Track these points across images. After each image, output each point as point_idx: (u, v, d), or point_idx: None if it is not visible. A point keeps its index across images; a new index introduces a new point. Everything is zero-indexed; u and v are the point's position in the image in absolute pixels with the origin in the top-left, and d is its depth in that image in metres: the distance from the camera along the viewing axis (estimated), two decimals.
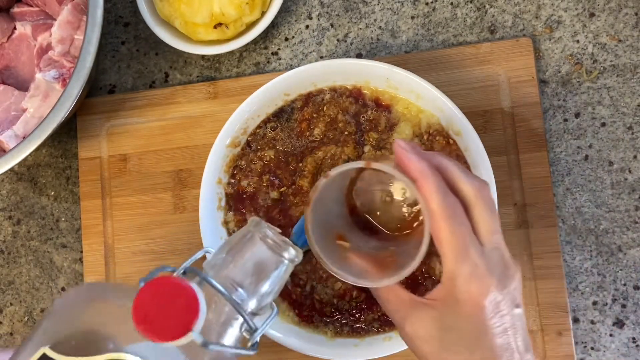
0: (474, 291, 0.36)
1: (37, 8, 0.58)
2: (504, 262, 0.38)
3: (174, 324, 0.29)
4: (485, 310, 0.36)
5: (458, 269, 0.36)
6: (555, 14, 0.56)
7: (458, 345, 0.37)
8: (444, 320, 0.37)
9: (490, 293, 0.36)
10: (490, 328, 0.36)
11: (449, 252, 0.37)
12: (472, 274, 0.36)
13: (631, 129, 0.54)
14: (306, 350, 0.50)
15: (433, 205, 0.37)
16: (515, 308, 0.37)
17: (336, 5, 0.59)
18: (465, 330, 0.37)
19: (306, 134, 0.54)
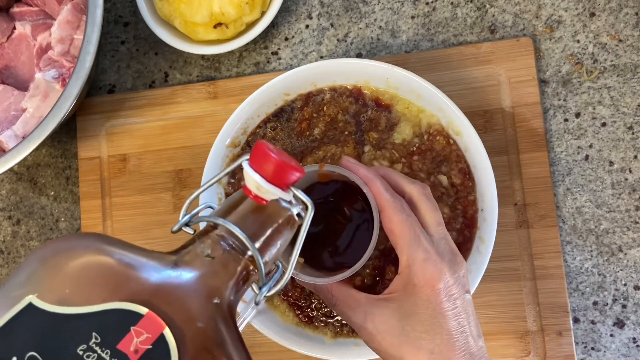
0: (429, 275, 0.39)
1: (36, 8, 0.58)
2: (452, 250, 0.41)
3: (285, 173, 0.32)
4: (440, 293, 0.39)
5: (412, 254, 0.39)
6: (556, 14, 0.56)
7: (418, 332, 0.39)
8: (403, 309, 0.40)
9: (443, 276, 0.39)
10: (446, 310, 0.39)
11: (402, 241, 0.40)
12: (426, 259, 0.39)
13: (632, 128, 0.54)
14: (306, 350, 0.50)
15: (383, 202, 0.41)
16: (465, 293, 0.40)
17: (336, 4, 0.59)
18: (423, 315, 0.39)
19: (306, 133, 0.54)
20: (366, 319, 0.41)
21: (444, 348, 0.39)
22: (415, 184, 0.43)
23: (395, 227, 0.40)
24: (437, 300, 0.39)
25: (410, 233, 0.40)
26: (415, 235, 0.40)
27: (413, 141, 0.52)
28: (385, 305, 0.40)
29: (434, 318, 0.39)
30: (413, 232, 0.40)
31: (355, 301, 0.42)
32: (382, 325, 0.40)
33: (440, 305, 0.39)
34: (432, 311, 0.39)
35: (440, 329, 0.39)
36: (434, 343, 0.39)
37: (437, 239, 0.41)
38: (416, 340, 0.39)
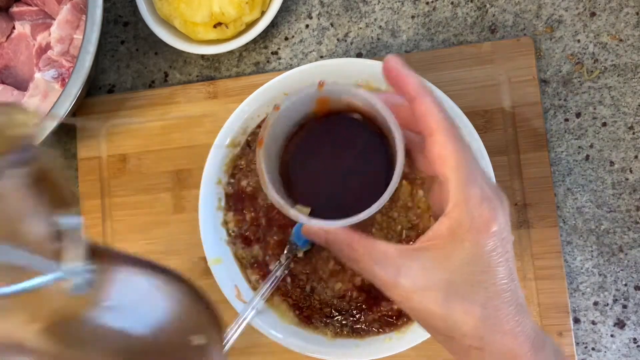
0: (486, 215, 0.33)
1: (36, 7, 0.58)
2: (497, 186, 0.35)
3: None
4: (495, 236, 0.33)
5: (468, 191, 0.33)
6: (556, 14, 0.56)
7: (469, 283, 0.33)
8: (451, 258, 0.34)
9: (499, 216, 0.33)
10: (500, 256, 0.33)
11: (455, 174, 0.33)
12: (483, 197, 0.33)
13: (632, 128, 0.54)
14: (306, 351, 0.50)
15: (436, 123, 0.33)
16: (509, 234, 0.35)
17: (336, 4, 0.59)
18: (477, 263, 0.33)
19: None
20: (399, 273, 0.34)
21: (496, 300, 0.33)
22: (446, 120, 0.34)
23: (449, 157, 0.33)
24: (492, 244, 0.33)
25: (467, 165, 0.33)
26: (472, 169, 0.33)
27: None
28: (426, 256, 0.34)
29: (488, 266, 0.33)
30: (470, 164, 0.33)
31: (384, 254, 0.35)
32: (422, 280, 0.34)
33: (495, 251, 0.33)
34: (486, 258, 0.33)
35: (493, 278, 0.33)
36: (486, 295, 0.33)
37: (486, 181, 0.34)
38: (468, 293, 0.33)
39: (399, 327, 0.51)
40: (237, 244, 0.53)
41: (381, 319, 0.51)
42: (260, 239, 0.53)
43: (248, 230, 0.53)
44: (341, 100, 0.37)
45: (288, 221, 0.52)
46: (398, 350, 0.49)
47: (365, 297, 0.51)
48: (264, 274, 0.53)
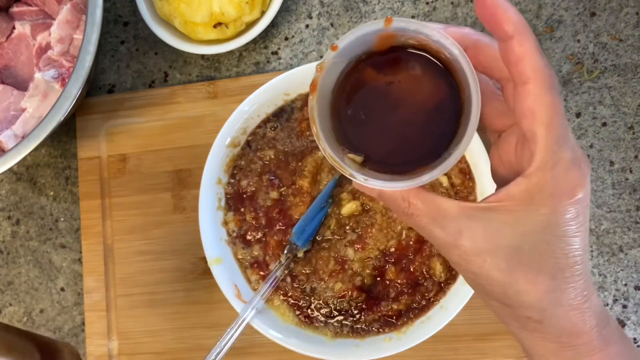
0: (575, 181, 0.30)
1: (36, 7, 0.58)
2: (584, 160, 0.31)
3: None
4: (579, 204, 0.30)
5: (560, 153, 0.29)
6: (556, 14, 0.56)
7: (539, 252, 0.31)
8: (523, 224, 0.30)
9: (587, 183, 0.30)
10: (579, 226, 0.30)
11: (547, 132, 0.29)
12: (573, 160, 0.30)
13: (632, 128, 0.54)
14: (306, 351, 0.50)
15: (529, 70, 0.29)
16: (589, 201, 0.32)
17: (336, 4, 0.59)
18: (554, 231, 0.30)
19: (306, 133, 0.53)
20: (461, 234, 0.31)
21: (567, 272, 0.31)
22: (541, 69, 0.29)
23: (543, 112, 0.29)
24: (574, 213, 0.30)
25: (561, 123, 0.29)
26: (565, 128, 0.29)
27: None
28: (493, 218, 0.31)
29: (564, 235, 0.30)
30: (564, 122, 0.29)
31: (444, 211, 0.32)
32: (485, 243, 0.31)
33: (575, 220, 0.30)
34: (563, 226, 0.30)
35: (567, 248, 0.31)
36: (557, 266, 0.31)
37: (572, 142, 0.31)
38: (536, 262, 0.31)
39: (399, 327, 0.51)
40: (237, 244, 0.53)
41: (381, 319, 0.51)
42: (260, 239, 0.53)
43: (248, 230, 0.53)
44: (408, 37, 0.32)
45: (288, 221, 0.52)
46: (398, 350, 0.49)
47: (365, 297, 0.51)
48: (264, 274, 0.53)
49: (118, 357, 0.58)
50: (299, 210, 0.52)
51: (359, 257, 0.51)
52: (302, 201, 0.52)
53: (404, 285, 0.51)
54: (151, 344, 0.57)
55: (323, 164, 0.52)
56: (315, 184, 0.52)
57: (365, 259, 0.51)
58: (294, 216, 0.52)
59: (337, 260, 0.51)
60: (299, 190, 0.52)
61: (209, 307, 0.57)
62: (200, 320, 0.57)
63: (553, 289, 0.31)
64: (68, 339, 0.60)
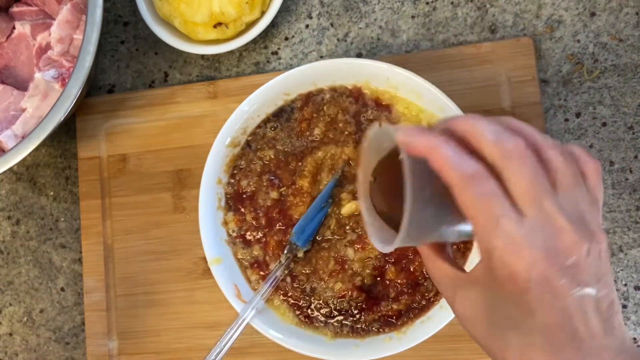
0: (511, 268, 0.31)
1: (36, 7, 0.58)
2: (557, 230, 0.31)
3: None
4: (529, 290, 0.31)
5: (490, 242, 0.31)
6: (556, 14, 0.56)
7: (504, 327, 0.32)
8: (487, 298, 0.33)
9: (533, 269, 0.30)
10: (541, 309, 0.31)
11: (476, 226, 0.32)
12: (507, 247, 0.31)
13: (632, 128, 0.54)
14: (306, 351, 0.50)
15: (448, 178, 0.32)
16: (582, 287, 0.31)
17: (336, 4, 0.59)
18: (510, 311, 0.32)
19: (306, 133, 0.53)
20: (455, 299, 0.35)
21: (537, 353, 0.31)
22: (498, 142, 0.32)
23: (466, 210, 0.31)
24: (526, 297, 0.31)
25: (484, 213, 0.31)
26: (492, 216, 0.31)
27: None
28: (471, 288, 0.34)
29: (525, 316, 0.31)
30: (489, 213, 0.31)
31: (444, 275, 0.37)
32: (467, 311, 0.34)
33: (531, 304, 0.31)
34: (520, 309, 0.32)
35: (533, 327, 0.31)
36: (525, 342, 0.32)
37: (532, 218, 0.31)
38: (504, 335, 0.32)
39: (399, 327, 0.51)
40: (237, 244, 0.53)
41: (381, 319, 0.51)
42: (260, 239, 0.53)
43: (248, 230, 0.53)
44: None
45: (288, 221, 0.52)
46: (398, 350, 0.49)
47: (365, 297, 0.51)
48: (264, 274, 0.53)
49: (118, 357, 0.58)
50: (299, 210, 0.52)
51: (359, 257, 0.51)
52: (302, 201, 0.52)
53: (404, 285, 0.51)
54: (151, 343, 0.57)
55: (323, 164, 0.52)
56: (315, 184, 0.52)
57: (365, 259, 0.51)
58: (294, 216, 0.52)
59: (337, 260, 0.51)
60: (299, 190, 0.52)
61: (209, 307, 0.57)
62: (200, 320, 0.57)
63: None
64: (68, 339, 0.60)
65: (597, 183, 0.33)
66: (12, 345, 0.61)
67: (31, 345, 0.61)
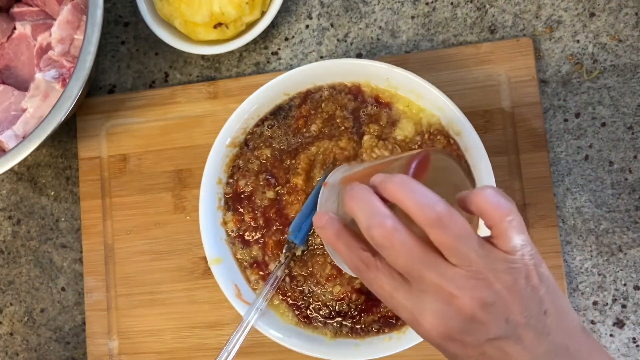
0: (421, 333, 0.34)
1: (36, 8, 0.58)
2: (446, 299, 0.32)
3: None
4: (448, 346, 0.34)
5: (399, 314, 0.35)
6: (556, 14, 0.56)
7: None
8: None
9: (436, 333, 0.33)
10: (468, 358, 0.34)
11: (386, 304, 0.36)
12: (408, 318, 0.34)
13: (631, 128, 0.54)
14: (306, 350, 0.50)
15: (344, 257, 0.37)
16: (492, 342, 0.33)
17: (336, 5, 0.59)
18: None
19: (302, 130, 0.53)
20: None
21: None
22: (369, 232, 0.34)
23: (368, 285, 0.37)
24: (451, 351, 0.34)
25: (383, 296, 0.35)
26: (388, 295, 0.35)
27: (415, 139, 0.52)
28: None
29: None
30: (385, 292, 0.35)
31: None
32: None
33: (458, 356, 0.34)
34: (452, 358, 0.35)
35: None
36: None
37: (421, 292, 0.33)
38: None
39: (398, 327, 0.51)
40: (236, 244, 0.53)
41: (381, 319, 0.51)
42: (259, 239, 0.53)
43: (246, 231, 0.53)
44: None
45: (284, 221, 0.52)
46: (398, 350, 0.49)
47: (364, 299, 0.51)
48: (263, 274, 0.53)
49: (119, 357, 0.58)
50: (295, 208, 0.52)
51: None
52: (297, 199, 0.52)
53: None
54: (152, 343, 0.58)
55: (316, 160, 0.52)
56: (309, 181, 0.52)
57: None
58: (290, 215, 0.52)
59: (334, 265, 0.51)
60: (294, 189, 0.52)
61: (209, 306, 0.57)
62: (201, 320, 0.57)
63: None
64: (68, 339, 0.60)
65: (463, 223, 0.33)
66: (13, 344, 0.61)
67: (32, 344, 0.61)
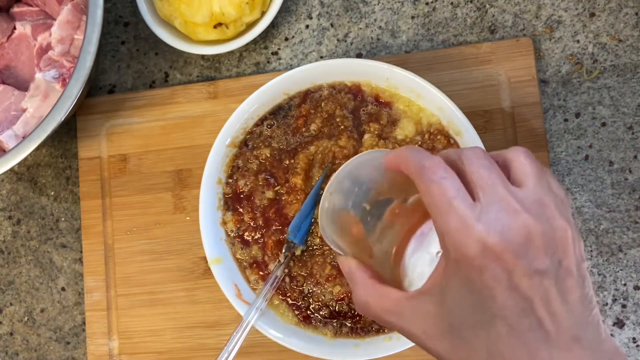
0: (465, 245, 0.30)
1: (37, 8, 0.58)
2: (509, 212, 0.30)
3: None
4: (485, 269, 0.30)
5: (445, 225, 0.31)
6: (556, 14, 0.56)
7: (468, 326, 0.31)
8: (447, 300, 0.31)
9: (485, 244, 0.30)
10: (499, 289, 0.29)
11: (432, 212, 0.32)
12: (459, 227, 0.30)
13: (631, 128, 0.54)
14: (306, 351, 0.50)
15: (408, 170, 0.34)
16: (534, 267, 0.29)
17: (336, 5, 0.59)
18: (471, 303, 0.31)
19: (302, 130, 0.53)
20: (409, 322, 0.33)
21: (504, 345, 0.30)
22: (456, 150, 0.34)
23: (424, 197, 0.32)
24: (483, 278, 0.30)
25: (439, 199, 0.31)
26: (446, 201, 0.31)
27: (415, 139, 0.52)
28: (426, 300, 0.33)
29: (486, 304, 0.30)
30: (443, 197, 0.31)
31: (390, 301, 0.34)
32: (426, 328, 0.32)
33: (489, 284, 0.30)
34: (480, 296, 0.30)
35: (495, 314, 0.30)
36: (490, 337, 0.30)
37: (485, 201, 0.31)
38: (468, 339, 0.31)
39: None
40: (235, 244, 0.53)
41: None
42: (258, 239, 0.53)
43: (246, 231, 0.53)
44: None
45: (284, 221, 0.52)
46: (398, 350, 0.49)
47: None
48: (263, 274, 0.53)
49: (119, 357, 0.58)
50: (294, 208, 0.52)
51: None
52: (296, 199, 0.52)
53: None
54: (152, 343, 0.58)
55: (315, 160, 0.52)
56: (308, 180, 0.52)
57: None
58: (290, 214, 0.52)
59: (333, 265, 0.51)
60: (293, 188, 0.52)
61: (210, 306, 0.57)
62: (201, 320, 0.57)
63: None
64: (68, 339, 0.60)
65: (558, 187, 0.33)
66: (13, 344, 0.61)
67: (32, 344, 0.61)
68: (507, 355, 0.29)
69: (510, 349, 0.29)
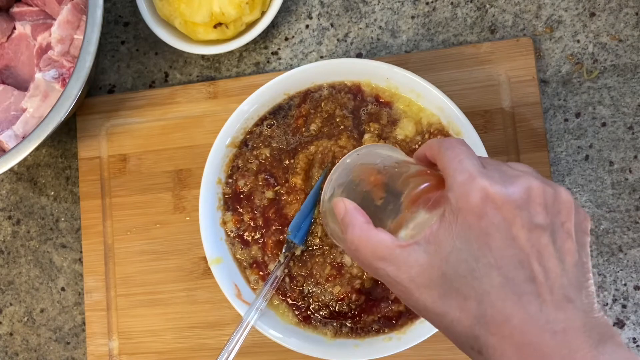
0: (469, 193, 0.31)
1: (36, 8, 0.58)
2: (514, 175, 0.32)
3: None
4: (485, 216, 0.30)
5: (453, 177, 0.32)
6: (556, 14, 0.56)
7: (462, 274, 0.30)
8: (442, 249, 0.31)
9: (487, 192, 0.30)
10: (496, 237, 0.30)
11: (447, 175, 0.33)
12: (467, 179, 0.31)
13: (632, 128, 0.54)
14: (306, 351, 0.50)
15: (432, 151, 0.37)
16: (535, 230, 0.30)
17: (336, 4, 0.59)
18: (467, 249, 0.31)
19: (302, 130, 0.53)
20: (399, 268, 0.33)
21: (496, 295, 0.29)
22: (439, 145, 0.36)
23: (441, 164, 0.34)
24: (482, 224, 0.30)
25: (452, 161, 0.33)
26: (457, 160, 0.33)
27: (415, 139, 0.52)
28: (422, 250, 0.32)
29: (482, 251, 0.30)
30: (455, 158, 0.33)
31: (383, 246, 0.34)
32: (419, 277, 0.32)
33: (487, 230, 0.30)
34: (477, 242, 0.30)
35: (490, 264, 0.30)
36: (482, 288, 0.30)
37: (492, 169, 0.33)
38: (462, 286, 0.30)
39: (398, 327, 0.51)
40: (235, 244, 0.53)
41: (381, 320, 0.51)
42: (258, 239, 0.53)
43: (246, 231, 0.53)
44: None
45: (283, 221, 0.52)
46: (398, 350, 0.49)
47: (364, 299, 0.51)
48: (263, 274, 0.53)
49: (119, 357, 0.58)
50: (294, 208, 0.52)
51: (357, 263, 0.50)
52: (296, 199, 0.52)
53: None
54: (152, 343, 0.58)
55: (314, 159, 0.52)
56: (308, 180, 0.52)
57: None
58: (289, 214, 0.52)
59: (334, 265, 0.51)
60: (292, 188, 0.52)
61: (210, 306, 0.57)
62: (201, 320, 0.57)
63: (482, 315, 0.30)
64: (68, 339, 0.60)
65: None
66: (13, 345, 0.61)
67: (31, 345, 0.61)
68: (497, 306, 0.29)
69: (501, 300, 0.29)
